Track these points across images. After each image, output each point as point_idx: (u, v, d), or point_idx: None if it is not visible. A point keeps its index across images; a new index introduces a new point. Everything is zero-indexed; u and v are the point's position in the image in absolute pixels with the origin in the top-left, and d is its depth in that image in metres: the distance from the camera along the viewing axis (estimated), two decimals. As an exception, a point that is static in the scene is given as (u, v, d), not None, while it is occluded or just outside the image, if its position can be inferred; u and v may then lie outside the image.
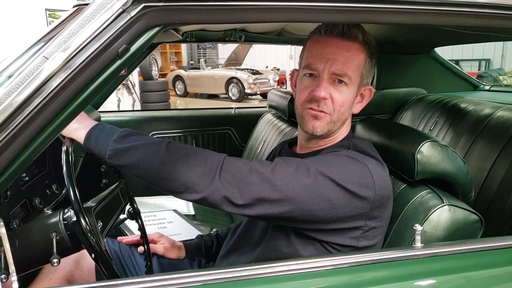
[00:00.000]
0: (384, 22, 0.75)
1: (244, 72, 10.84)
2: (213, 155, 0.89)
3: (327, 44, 0.97)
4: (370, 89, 1.04)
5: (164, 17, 0.64)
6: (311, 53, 0.99)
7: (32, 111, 0.62)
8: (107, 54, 0.63)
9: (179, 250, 1.31)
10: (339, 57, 0.95)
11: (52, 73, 0.61)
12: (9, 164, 0.64)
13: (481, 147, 1.54)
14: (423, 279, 0.79)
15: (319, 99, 0.96)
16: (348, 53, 0.96)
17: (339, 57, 0.95)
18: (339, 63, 0.95)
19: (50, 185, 1.41)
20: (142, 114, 2.64)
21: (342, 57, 0.95)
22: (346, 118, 1.01)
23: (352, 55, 0.96)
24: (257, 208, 0.86)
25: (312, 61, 0.98)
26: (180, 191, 0.86)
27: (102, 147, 0.92)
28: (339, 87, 0.97)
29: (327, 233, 0.91)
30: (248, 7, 0.66)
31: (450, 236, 0.92)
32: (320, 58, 0.96)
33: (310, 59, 0.98)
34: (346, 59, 0.95)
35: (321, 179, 0.86)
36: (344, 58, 0.95)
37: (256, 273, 0.73)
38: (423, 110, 2.08)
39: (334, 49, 0.96)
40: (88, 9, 0.63)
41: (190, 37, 1.97)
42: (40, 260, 0.89)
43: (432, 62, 2.34)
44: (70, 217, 0.89)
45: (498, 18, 0.80)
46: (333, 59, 0.95)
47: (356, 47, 0.97)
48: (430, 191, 0.99)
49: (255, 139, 2.33)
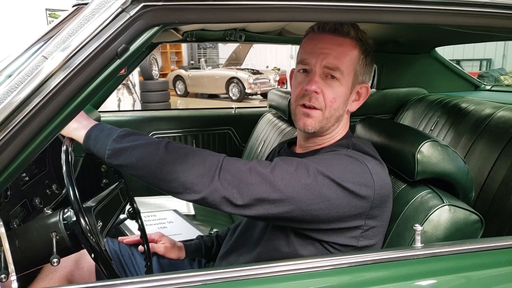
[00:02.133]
0: (383, 21, 0.76)
1: (244, 72, 10.83)
2: (212, 155, 0.89)
3: (320, 40, 0.99)
4: (367, 87, 1.04)
5: (164, 16, 0.64)
6: (305, 49, 1.01)
7: (32, 110, 0.62)
8: (106, 53, 0.63)
9: (179, 251, 1.31)
10: (331, 51, 0.97)
11: (51, 73, 0.61)
12: (9, 163, 0.64)
13: (482, 147, 1.54)
14: (423, 279, 0.78)
15: (310, 93, 0.97)
16: (340, 48, 0.97)
17: (331, 51, 0.97)
18: (331, 57, 0.96)
19: (50, 185, 1.41)
20: (142, 114, 2.64)
21: (334, 51, 0.97)
22: (340, 115, 1.01)
23: (344, 50, 0.97)
24: (257, 208, 0.86)
25: (305, 56, 1.00)
26: (179, 192, 0.86)
27: (101, 147, 0.92)
28: (331, 83, 0.98)
29: (326, 232, 0.91)
30: (247, 6, 0.66)
31: (450, 236, 0.92)
32: (313, 53, 0.98)
33: (303, 55, 1.01)
34: (338, 54, 0.97)
35: (321, 179, 0.86)
36: (336, 53, 0.97)
37: (255, 273, 0.73)
38: (423, 110, 2.08)
39: (326, 44, 0.97)
40: (87, 9, 0.63)
41: (190, 36, 1.97)
42: (40, 259, 0.89)
43: (433, 62, 2.33)
44: (70, 217, 0.89)
45: (499, 18, 0.80)
46: (325, 53, 0.97)
47: (348, 42, 0.98)
48: (430, 191, 0.98)
49: (255, 139, 2.33)
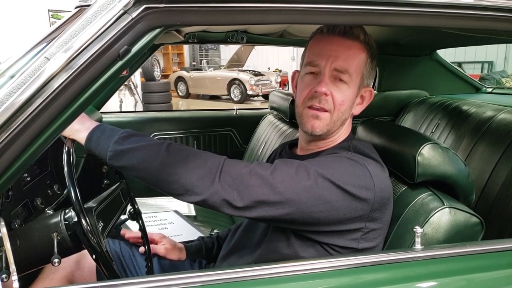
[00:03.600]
0: (385, 24, 0.76)
1: (246, 74, 10.84)
2: (213, 158, 0.89)
3: (329, 42, 0.98)
4: (371, 91, 1.05)
5: (166, 18, 0.64)
6: (313, 51, 1.00)
7: (34, 111, 0.62)
8: (108, 55, 0.63)
9: (180, 252, 1.31)
10: (340, 54, 0.96)
11: (53, 74, 0.62)
12: (11, 164, 0.64)
13: (483, 150, 1.54)
14: (423, 281, 0.78)
15: (320, 95, 0.96)
16: (349, 51, 0.97)
17: (341, 54, 0.96)
18: (340, 60, 0.96)
19: (51, 185, 1.42)
20: (144, 115, 2.64)
21: (344, 54, 0.96)
22: (346, 119, 1.02)
23: (353, 54, 0.97)
24: (257, 210, 0.86)
25: (314, 58, 0.99)
26: (180, 193, 0.86)
27: (103, 148, 0.92)
28: (340, 85, 0.97)
29: (327, 235, 0.91)
30: (249, 8, 0.66)
31: (450, 239, 0.92)
32: (322, 55, 0.97)
33: (312, 57, 1.00)
34: (347, 57, 0.96)
35: (321, 181, 0.86)
36: (345, 56, 0.96)
37: (255, 274, 0.73)
38: (424, 113, 2.08)
39: (336, 46, 0.97)
40: (90, 10, 0.63)
41: (192, 38, 1.97)
42: (41, 260, 0.90)
43: (434, 64, 2.33)
44: (71, 218, 0.89)
45: (500, 21, 0.80)
46: (335, 56, 0.96)
47: (357, 46, 0.98)
48: (431, 194, 0.98)
49: (256, 141, 2.33)
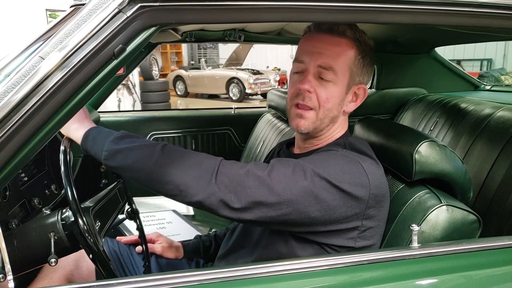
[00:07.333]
0: (381, 21, 0.76)
1: (244, 72, 10.83)
2: (209, 159, 0.88)
3: (316, 40, 0.99)
4: (364, 89, 1.04)
5: (160, 17, 0.64)
6: (301, 49, 1.02)
7: (29, 110, 0.62)
8: (103, 54, 0.63)
9: (177, 250, 1.31)
10: (326, 51, 0.97)
11: (48, 73, 0.61)
12: (6, 163, 0.64)
13: (481, 147, 1.54)
14: (420, 279, 0.78)
15: (304, 92, 0.97)
16: (336, 48, 0.97)
17: (326, 51, 0.97)
18: (325, 56, 0.96)
19: (49, 185, 1.41)
20: (142, 114, 2.64)
21: (329, 51, 0.97)
22: (335, 116, 1.01)
23: (340, 50, 0.97)
24: (255, 212, 0.85)
25: (300, 55, 1.00)
26: (174, 194, 0.85)
27: (99, 148, 0.92)
28: (325, 83, 0.97)
29: (324, 235, 0.91)
30: (244, 7, 0.66)
31: (448, 236, 0.92)
32: (308, 52, 0.99)
33: (298, 55, 1.02)
34: (333, 53, 0.97)
35: (317, 181, 0.86)
36: (330, 52, 0.97)
37: (252, 273, 0.73)
38: (423, 110, 2.08)
39: (322, 44, 0.98)
40: (84, 9, 0.63)
41: (189, 37, 1.97)
42: (39, 260, 0.90)
43: (433, 62, 2.33)
44: (68, 217, 0.89)
45: (497, 18, 0.80)
46: (319, 53, 0.97)
47: (345, 42, 0.98)
48: (428, 191, 0.98)
49: (254, 139, 2.33)
